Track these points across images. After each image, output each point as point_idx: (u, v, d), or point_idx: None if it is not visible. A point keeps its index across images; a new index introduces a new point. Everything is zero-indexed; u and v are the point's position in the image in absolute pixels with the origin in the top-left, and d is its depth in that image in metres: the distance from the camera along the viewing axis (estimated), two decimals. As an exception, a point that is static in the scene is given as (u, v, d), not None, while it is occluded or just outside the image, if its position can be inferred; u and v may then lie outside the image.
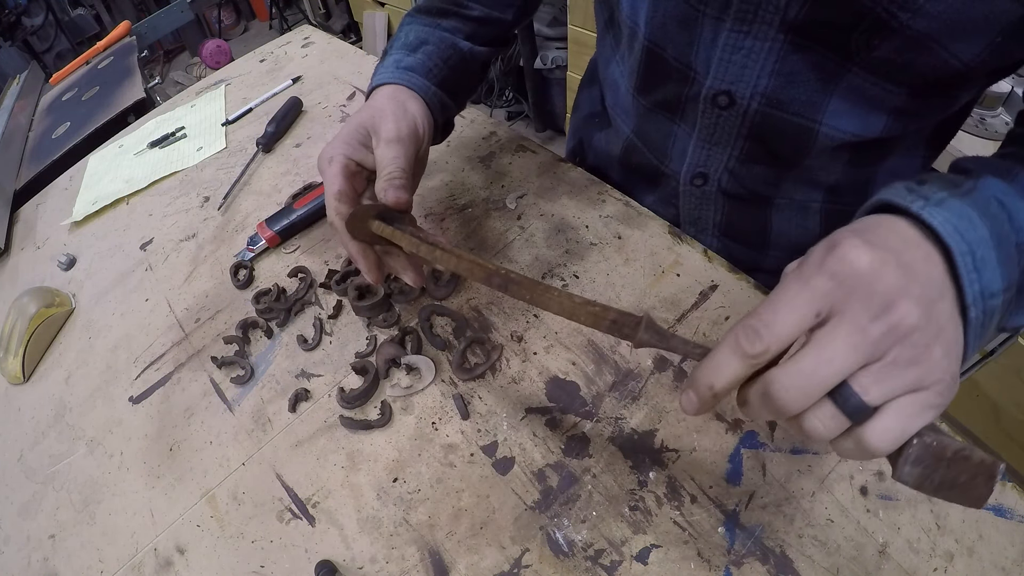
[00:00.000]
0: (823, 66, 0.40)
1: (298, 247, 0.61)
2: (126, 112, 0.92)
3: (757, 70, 0.42)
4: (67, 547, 0.45)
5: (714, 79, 0.44)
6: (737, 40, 0.41)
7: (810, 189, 0.52)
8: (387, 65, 0.50)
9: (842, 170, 0.49)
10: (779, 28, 0.39)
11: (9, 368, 0.57)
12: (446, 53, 0.52)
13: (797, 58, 0.40)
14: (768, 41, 0.40)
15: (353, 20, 2.87)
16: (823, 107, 0.42)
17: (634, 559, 0.38)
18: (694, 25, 0.43)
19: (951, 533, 0.38)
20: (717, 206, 0.56)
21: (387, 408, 0.47)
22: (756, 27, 0.40)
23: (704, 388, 0.26)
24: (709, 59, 0.44)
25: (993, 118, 1.05)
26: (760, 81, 0.43)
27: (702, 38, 0.43)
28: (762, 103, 0.44)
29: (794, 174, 0.50)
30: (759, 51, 0.41)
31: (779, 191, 0.53)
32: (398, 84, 0.48)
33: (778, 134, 0.46)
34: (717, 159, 0.51)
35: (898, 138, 0.45)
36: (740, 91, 0.44)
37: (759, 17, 0.39)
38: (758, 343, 0.24)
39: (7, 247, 0.74)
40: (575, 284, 0.52)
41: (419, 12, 0.55)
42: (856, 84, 0.40)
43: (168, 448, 0.48)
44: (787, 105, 0.43)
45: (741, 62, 0.42)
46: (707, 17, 0.42)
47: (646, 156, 0.58)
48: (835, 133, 0.44)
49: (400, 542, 0.41)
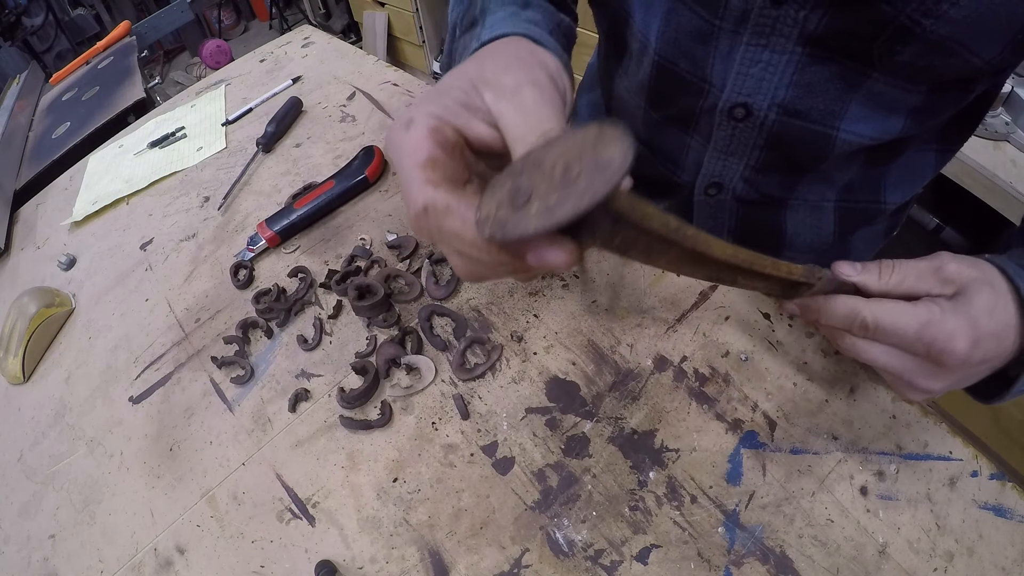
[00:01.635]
0: (843, 75, 0.39)
1: (298, 247, 0.61)
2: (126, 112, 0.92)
3: (775, 82, 0.41)
4: (67, 547, 0.45)
5: (731, 92, 0.43)
6: (755, 54, 0.40)
7: (824, 189, 0.52)
8: (500, 18, 0.36)
9: (857, 170, 0.49)
10: (797, 41, 0.38)
11: (9, 368, 0.57)
12: (555, 19, 0.40)
13: (816, 68, 0.40)
14: (787, 54, 0.39)
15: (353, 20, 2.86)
16: (842, 114, 0.42)
17: (634, 559, 0.38)
18: (709, 39, 0.42)
19: (951, 533, 0.38)
20: (731, 213, 0.55)
21: (387, 408, 0.47)
22: (774, 40, 0.39)
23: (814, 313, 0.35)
24: (726, 73, 0.43)
25: (993, 118, 1.05)
26: (778, 93, 0.42)
27: (718, 52, 0.42)
28: (779, 113, 0.43)
29: (809, 177, 0.50)
30: (777, 64, 0.40)
31: (794, 193, 0.52)
32: (525, 37, 0.34)
33: (796, 143, 0.45)
34: (733, 169, 0.50)
35: (913, 136, 0.45)
36: (757, 103, 0.43)
37: (777, 30, 0.38)
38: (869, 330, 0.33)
39: (7, 247, 0.74)
40: (575, 284, 0.52)
41: None
42: (876, 89, 0.40)
43: (168, 448, 0.48)
44: (805, 114, 0.42)
45: (759, 75, 0.41)
46: (723, 31, 0.41)
47: (656, 167, 0.57)
48: (853, 138, 0.43)
49: (400, 542, 0.41)
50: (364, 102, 0.77)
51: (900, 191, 0.53)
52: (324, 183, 0.63)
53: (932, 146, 0.50)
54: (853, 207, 0.53)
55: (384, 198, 0.64)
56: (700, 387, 0.45)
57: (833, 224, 0.55)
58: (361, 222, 0.62)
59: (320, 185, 0.63)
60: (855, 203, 0.53)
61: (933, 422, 0.42)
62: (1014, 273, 0.32)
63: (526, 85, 0.27)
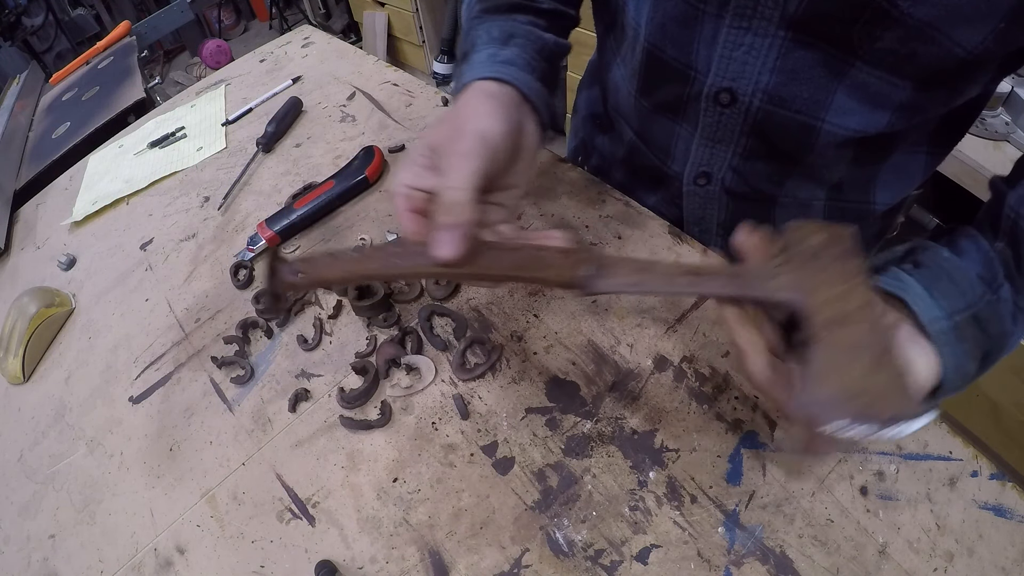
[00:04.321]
0: (826, 62, 0.40)
1: (298, 247, 0.61)
2: (126, 112, 0.92)
3: (758, 66, 0.42)
4: (67, 547, 0.45)
5: (715, 76, 0.44)
6: (737, 37, 0.41)
7: (814, 187, 0.52)
8: (480, 60, 0.42)
9: (846, 168, 0.49)
10: (779, 24, 0.39)
11: (9, 368, 0.57)
12: (537, 44, 0.45)
13: (799, 54, 0.40)
14: (769, 37, 0.40)
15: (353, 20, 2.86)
16: (826, 104, 0.42)
17: (634, 559, 0.38)
18: (694, 24, 0.43)
19: (951, 533, 0.38)
20: (721, 205, 0.56)
21: (387, 408, 0.47)
22: (756, 23, 0.40)
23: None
24: (710, 57, 0.44)
25: (993, 118, 1.05)
26: (762, 78, 0.43)
27: (702, 36, 0.43)
28: (764, 100, 0.44)
29: (798, 171, 0.50)
30: (760, 47, 0.41)
31: (783, 190, 0.53)
32: (502, 80, 0.40)
33: (781, 131, 0.46)
34: (720, 157, 0.51)
35: (901, 134, 0.45)
36: (742, 88, 0.44)
37: (759, 13, 0.39)
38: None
39: (7, 247, 0.74)
40: (575, 284, 0.52)
41: (486, 12, 0.48)
42: (860, 79, 0.40)
43: (168, 448, 0.48)
44: (790, 102, 0.43)
45: (742, 59, 0.42)
46: (707, 15, 0.42)
47: (649, 157, 0.58)
48: (838, 130, 0.43)
49: (400, 542, 0.41)
50: (364, 102, 0.77)
51: (889, 192, 0.53)
52: (324, 183, 0.63)
53: (923, 148, 0.50)
54: (843, 207, 0.54)
55: (384, 198, 0.64)
56: (700, 387, 0.45)
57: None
58: (361, 222, 0.62)
59: (320, 185, 0.63)
60: (845, 203, 0.53)
61: (933, 422, 0.42)
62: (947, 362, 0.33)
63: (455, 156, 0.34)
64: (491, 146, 0.35)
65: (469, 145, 0.34)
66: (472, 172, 0.33)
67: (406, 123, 0.72)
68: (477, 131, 0.35)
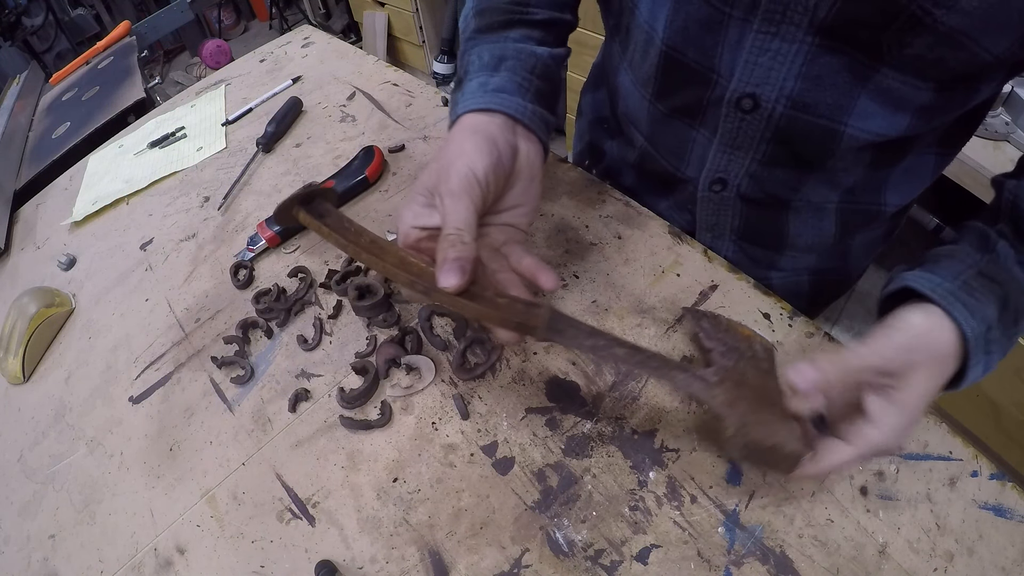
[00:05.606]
0: (852, 68, 0.39)
1: (298, 247, 0.61)
2: (126, 112, 0.92)
3: (784, 72, 0.41)
4: (67, 547, 0.45)
5: (739, 82, 0.43)
6: (764, 42, 0.40)
7: (828, 191, 0.52)
8: (471, 90, 0.44)
9: (862, 171, 0.49)
10: (807, 29, 0.38)
11: (9, 368, 0.57)
12: (529, 63, 0.46)
13: (826, 60, 0.39)
14: (796, 43, 0.39)
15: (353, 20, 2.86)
16: (850, 108, 0.42)
17: (634, 559, 0.38)
18: (719, 28, 0.42)
19: (951, 533, 0.38)
20: (735, 211, 0.55)
21: (387, 408, 0.47)
22: (784, 28, 0.39)
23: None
24: (734, 62, 0.43)
25: (993, 118, 1.05)
26: (787, 84, 0.42)
27: (727, 40, 0.42)
28: (787, 106, 0.43)
29: (815, 176, 0.50)
30: (787, 53, 0.40)
31: (798, 194, 0.52)
32: (490, 110, 0.42)
33: (803, 137, 0.45)
34: (738, 163, 0.50)
35: (917, 136, 0.45)
36: (765, 94, 0.43)
37: (787, 18, 0.38)
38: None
39: (7, 247, 0.74)
40: (575, 284, 0.52)
41: (480, 32, 0.50)
42: (885, 84, 0.39)
43: (168, 448, 0.48)
44: (813, 108, 0.42)
45: (768, 64, 0.41)
46: (733, 19, 0.41)
47: (660, 163, 0.57)
48: (860, 134, 0.43)
49: (400, 542, 0.41)
50: (364, 102, 0.77)
51: (900, 193, 0.53)
52: (324, 183, 0.63)
53: (932, 149, 0.50)
54: (855, 208, 0.53)
55: (384, 198, 0.64)
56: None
57: (834, 226, 0.55)
58: (361, 222, 0.60)
59: (323, 183, 0.63)
60: (856, 204, 0.53)
61: (933, 422, 0.42)
62: (961, 316, 0.34)
63: (447, 196, 0.38)
64: (478, 182, 0.38)
65: (456, 184, 0.37)
66: (464, 209, 0.37)
67: (406, 123, 0.72)
68: (462, 171, 0.38)
